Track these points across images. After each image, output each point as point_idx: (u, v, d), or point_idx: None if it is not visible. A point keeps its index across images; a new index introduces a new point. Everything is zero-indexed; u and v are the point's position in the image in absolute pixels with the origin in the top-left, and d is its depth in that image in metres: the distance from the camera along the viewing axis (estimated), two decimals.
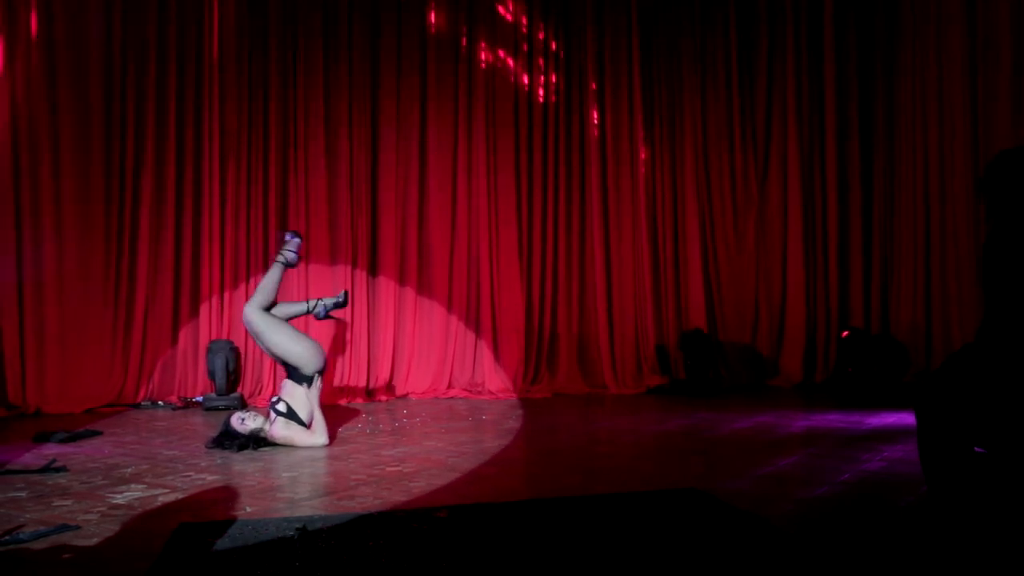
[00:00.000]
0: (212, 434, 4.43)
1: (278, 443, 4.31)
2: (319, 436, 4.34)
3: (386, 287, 6.79)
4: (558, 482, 3.53)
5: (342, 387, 6.50)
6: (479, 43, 7.08)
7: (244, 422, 4.26)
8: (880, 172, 7.31)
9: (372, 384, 6.66)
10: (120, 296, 6.19)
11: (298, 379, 4.39)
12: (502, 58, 7.16)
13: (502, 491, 3.32)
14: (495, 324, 6.96)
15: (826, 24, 7.44)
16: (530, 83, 7.22)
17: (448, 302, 6.93)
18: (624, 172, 7.38)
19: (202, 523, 2.80)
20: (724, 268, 7.55)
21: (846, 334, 6.52)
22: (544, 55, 7.28)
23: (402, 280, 6.85)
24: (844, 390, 6.21)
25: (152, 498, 3.20)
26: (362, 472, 3.70)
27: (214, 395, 6.06)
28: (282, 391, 4.42)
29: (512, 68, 7.17)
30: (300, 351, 4.35)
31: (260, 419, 4.31)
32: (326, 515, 2.89)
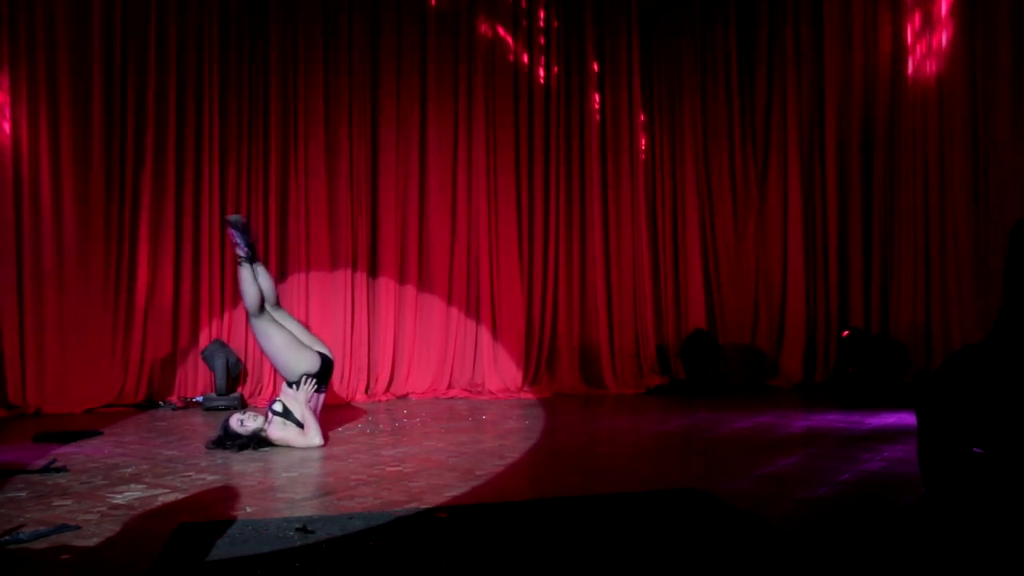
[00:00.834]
0: (212, 434, 4.44)
1: (276, 444, 4.32)
2: (314, 437, 4.34)
3: (386, 287, 6.79)
4: (558, 482, 3.53)
5: (342, 387, 6.50)
6: (478, 27, 7.05)
7: (244, 423, 4.27)
8: (880, 172, 7.30)
9: (372, 384, 6.66)
10: (120, 296, 6.19)
11: (288, 382, 4.44)
12: (502, 51, 7.14)
13: (502, 491, 3.32)
14: (495, 324, 6.96)
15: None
16: (529, 83, 7.21)
17: (448, 302, 6.94)
18: (624, 173, 7.38)
19: (202, 523, 2.80)
20: (724, 268, 7.55)
21: (846, 334, 6.51)
22: (545, 51, 7.26)
23: (402, 280, 6.85)
24: (844, 390, 6.20)
25: (152, 498, 3.20)
26: (362, 472, 3.70)
27: (214, 395, 6.06)
28: (281, 392, 4.47)
29: (512, 65, 7.16)
30: (283, 362, 4.41)
31: (260, 419, 4.33)
32: (326, 515, 2.89)
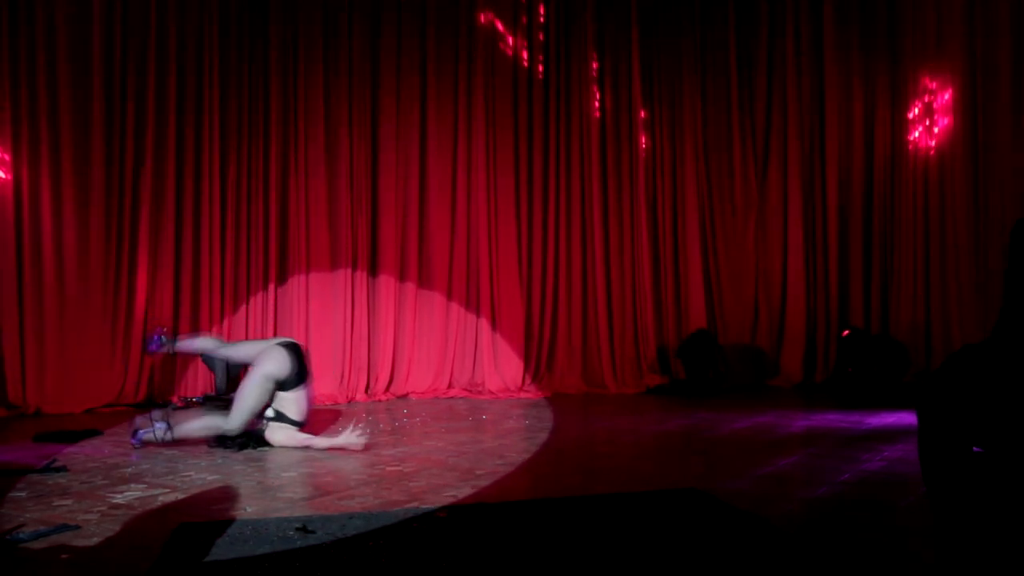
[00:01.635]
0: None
1: (275, 445, 4.31)
2: (319, 444, 4.28)
3: (386, 287, 6.78)
4: (558, 482, 3.53)
5: (342, 387, 6.50)
6: (477, 25, 7.06)
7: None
8: (880, 171, 7.30)
9: (372, 384, 6.65)
10: (120, 296, 6.18)
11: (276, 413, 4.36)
12: (502, 49, 7.13)
13: (502, 491, 3.32)
14: (495, 324, 6.96)
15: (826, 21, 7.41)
16: (529, 81, 7.21)
17: (448, 302, 6.93)
18: (624, 171, 7.38)
19: (202, 523, 2.80)
20: (724, 268, 7.55)
21: (846, 334, 6.51)
22: (545, 48, 7.25)
23: (402, 279, 6.85)
24: (844, 390, 6.20)
25: (152, 498, 3.20)
26: (362, 472, 3.70)
27: (214, 395, 6.05)
28: (273, 399, 4.39)
29: (511, 63, 7.16)
30: (258, 396, 4.26)
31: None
32: (326, 515, 2.89)
